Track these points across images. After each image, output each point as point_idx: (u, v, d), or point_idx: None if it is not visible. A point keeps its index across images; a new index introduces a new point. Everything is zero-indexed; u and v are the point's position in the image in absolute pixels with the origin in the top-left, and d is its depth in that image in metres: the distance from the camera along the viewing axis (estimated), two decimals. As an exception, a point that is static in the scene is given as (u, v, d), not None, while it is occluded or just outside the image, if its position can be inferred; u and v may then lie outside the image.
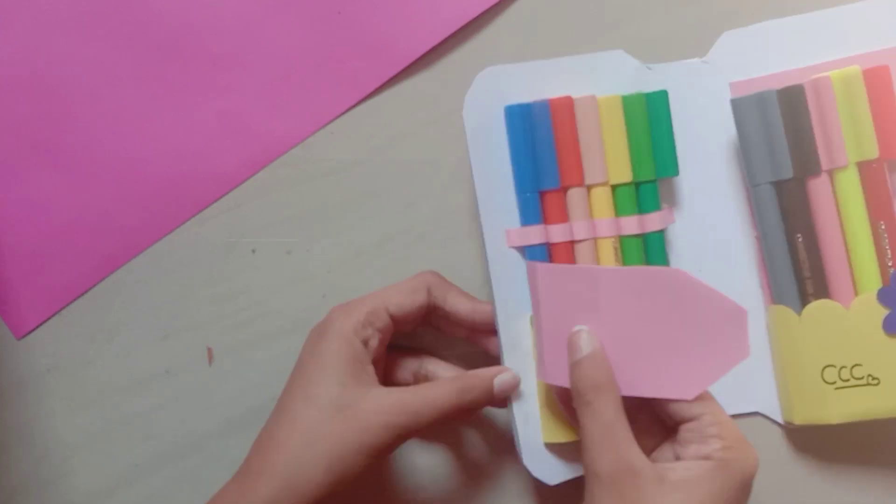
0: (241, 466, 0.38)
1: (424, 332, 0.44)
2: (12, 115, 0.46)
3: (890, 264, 0.40)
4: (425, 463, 0.45)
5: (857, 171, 0.40)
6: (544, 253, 0.41)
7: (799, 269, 0.40)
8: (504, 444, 0.44)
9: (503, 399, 0.40)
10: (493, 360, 0.42)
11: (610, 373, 0.36)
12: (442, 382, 0.39)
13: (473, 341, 0.43)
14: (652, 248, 0.41)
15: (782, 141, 0.40)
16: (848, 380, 0.39)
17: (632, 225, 0.41)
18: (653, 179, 0.41)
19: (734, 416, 0.42)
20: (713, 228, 0.43)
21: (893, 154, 0.40)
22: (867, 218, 0.40)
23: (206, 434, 0.45)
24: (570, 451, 0.41)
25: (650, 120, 0.41)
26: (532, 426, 0.41)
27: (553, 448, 0.41)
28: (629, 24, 0.45)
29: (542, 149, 0.41)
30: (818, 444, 0.43)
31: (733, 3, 0.45)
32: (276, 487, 0.36)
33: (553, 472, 0.41)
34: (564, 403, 0.39)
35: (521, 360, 0.41)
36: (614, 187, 0.41)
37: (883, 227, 0.40)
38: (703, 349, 0.36)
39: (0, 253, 0.46)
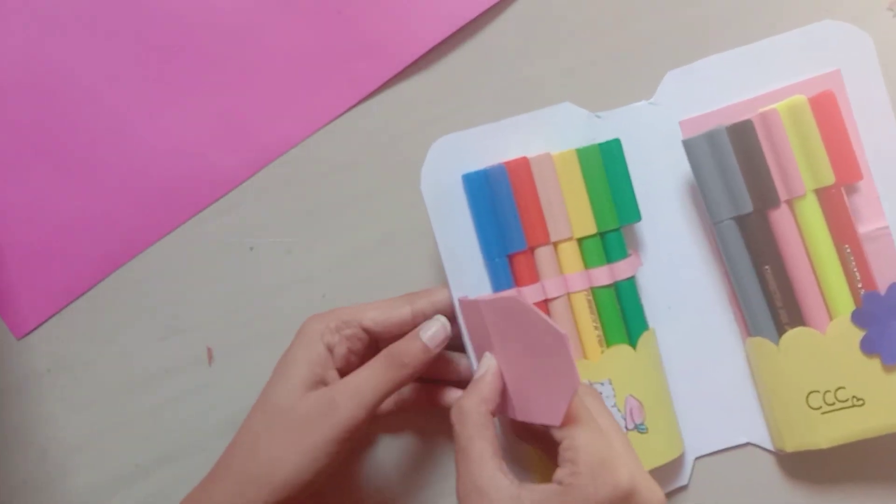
0: (208, 473, 0.39)
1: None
2: (12, 116, 0.46)
3: (860, 286, 0.40)
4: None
5: (816, 199, 0.40)
6: None
7: (771, 300, 0.41)
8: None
9: (439, 372, 0.41)
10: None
11: (480, 398, 0.36)
12: (373, 360, 0.38)
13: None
14: (625, 296, 0.42)
15: (738, 176, 0.41)
16: (833, 403, 0.40)
17: (602, 275, 0.41)
18: (616, 228, 0.42)
19: (725, 450, 0.43)
20: (681, 268, 0.43)
21: (849, 178, 0.40)
22: (832, 243, 0.40)
23: (206, 434, 0.45)
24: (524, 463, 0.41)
25: (607, 169, 0.41)
26: None
27: None
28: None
29: (505, 212, 0.41)
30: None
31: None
32: (229, 493, 0.37)
33: None
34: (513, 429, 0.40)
35: None
36: (580, 240, 0.41)
37: (848, 250, 0.40)
38: (547, 374, 0.35)
39: (0, 253, 0.46)
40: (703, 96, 0.43)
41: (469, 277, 0.42)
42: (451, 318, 0.40)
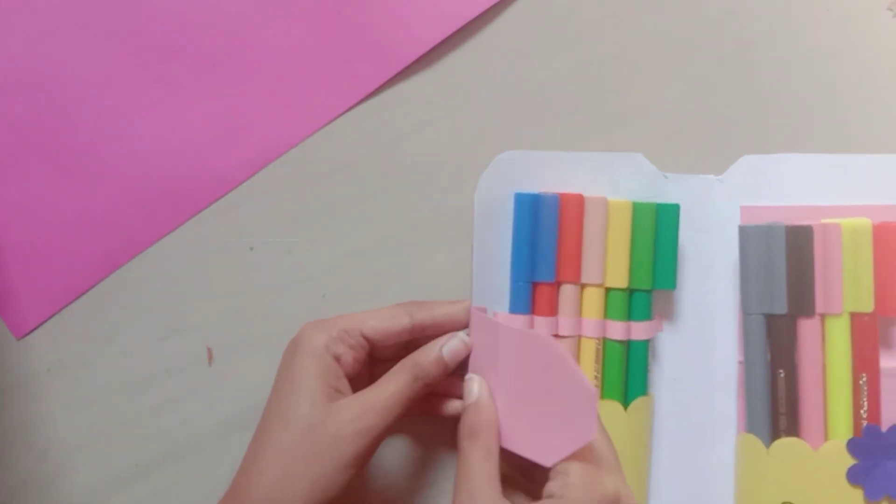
0: (230, 486, 0.38)
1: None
2: (12, 115, 0.46)
3: (864, 416, 0.40)
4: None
5: (849, 321, 0.41)
6: None
7: (775, 404, 0.41)
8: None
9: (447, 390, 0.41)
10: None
11: (488, 421, 0.37)
12: (395, 370, 0.39)
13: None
14: (634, 356, 0.42)
15: (782, 277, 0.41)
16: None
17: (618, 330, 0.41)
18: (648, 289, 0.41)
19: None
20: (700, 346, 0.43)
21: (888, 312, 0.40)
22: (850, 367, 0.40)
23: (206, 434, 0.45)
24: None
25: (657, 230, 0.41)
26: None
27: None
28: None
29: (544, 241, 0.41)
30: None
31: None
32: None
33: None
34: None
35: None
36: (608, 290, 0.41)
37: (864, 379, 0.40)
38: (558, 420, 0.36)
39: (0, 253, 0.46)
40: (771, 188, 0.43)
41: (490, 292, 0.42)
42: (454, 329, 0.41)
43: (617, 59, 0.45)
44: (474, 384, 0.38)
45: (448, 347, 0.39)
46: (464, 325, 0.41)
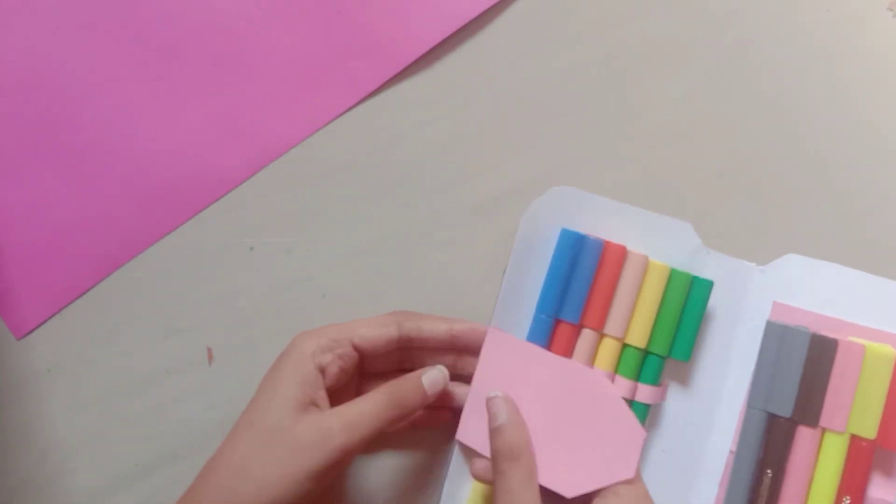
0: (188, 488, 0.38)
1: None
2: (13, 116, 0.46)
3: None
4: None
5: (848, 441, 0.41)
6: None
7: (755, 501, 0.41)
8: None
9: (438, 400, 0.41)
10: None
11: (525, 441, 0.37)
12: (374, 393, 0.38)
13: (460, 370, 0.42)
14: None
15: (795, 380, 0.41)
16: None
17: (624, 388, 0.42)
18: (663, 356, 0.42)
19: None
20: (698, 424, 0.43)
21: (888, 444, 0.40)
22: (837, 486, 0.41)
23: (206, 434, 0.45)
24: None
25: (687, 302, 0.42)
26: None
27: None
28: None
29: (578, 281, 0.41)
30: None
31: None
32: None
33: None
34: None
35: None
36: (625, 345, 0.42)
37: (847, 501, 0.40)
38: (595, 455, 0.37)
39: (0, 253, 0.46)
40: (807, 292, 0.43)
41: (510, 316, 0.42)
42: (438, 348, 0.41)
43: (617, 59, 0.45)
44: (501, 403, 0.38)
45: (428, 377, 0.39)
46: (446, 345, 0.41)
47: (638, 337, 0.41)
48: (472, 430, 0.40)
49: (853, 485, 0.40)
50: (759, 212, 0.44)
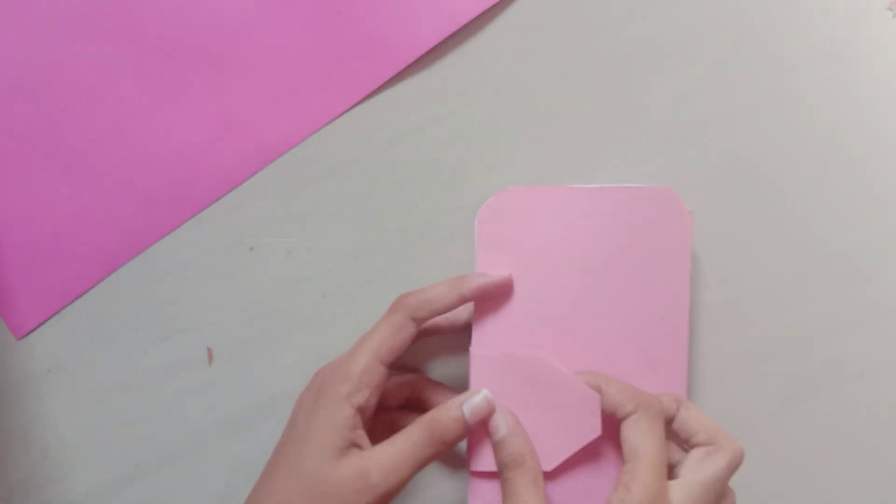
0: None
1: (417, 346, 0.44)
2: (12, 116, 0.46)
3: None
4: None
5: None
6: None
7: None
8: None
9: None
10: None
11: (527, 448, 0.37)
12: (412, 429, 0.37)
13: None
14: None
15: None
16: None
17: None
18: None
19: None
20: None
21: None
22: None
23: (206, 434, 0.45)
24: None
25: None
26: None
27: None
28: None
29: None
30: None
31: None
32: None
33: None
34: None
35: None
36: None
37: None
38: (560, 426, 0.38)
39: (0, 253, 0.46)
40: None
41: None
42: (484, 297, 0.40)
43: (617, 59, 0.45)
44: (500, 417, 0.38)
45: (470, 405, 0.38)
46: (455, 306, 0.40)
47: None
48: (483, 456, 0.39)
49: None
50: (760, 212, 0.44)
